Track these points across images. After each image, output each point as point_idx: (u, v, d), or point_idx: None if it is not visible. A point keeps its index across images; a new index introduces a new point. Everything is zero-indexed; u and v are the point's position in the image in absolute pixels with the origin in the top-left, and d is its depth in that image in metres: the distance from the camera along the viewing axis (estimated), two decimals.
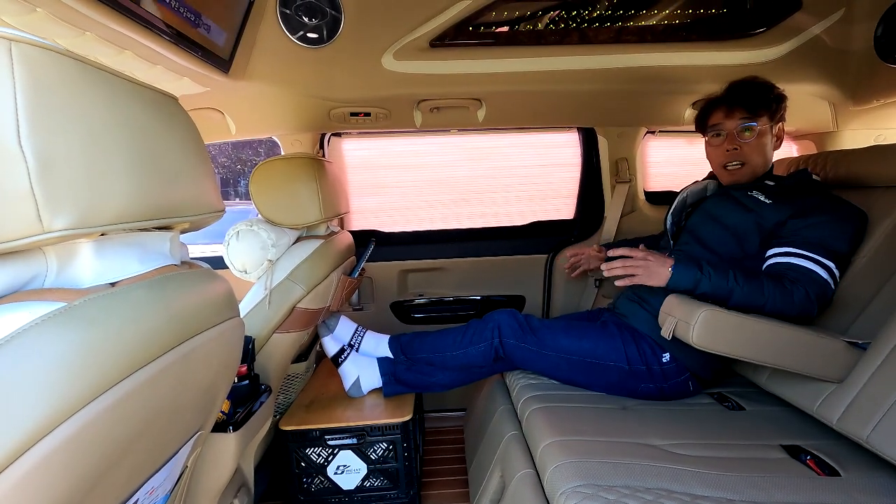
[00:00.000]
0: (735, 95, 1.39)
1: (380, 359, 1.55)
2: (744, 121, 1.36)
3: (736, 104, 1.38)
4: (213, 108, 1.62)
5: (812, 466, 0.99)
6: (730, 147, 1.40)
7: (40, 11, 0.79)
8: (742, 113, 1.37)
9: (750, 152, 1.38)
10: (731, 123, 1.39)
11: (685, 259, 1.22)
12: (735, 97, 1.39)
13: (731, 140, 1.40)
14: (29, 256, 0.48)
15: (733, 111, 1.38)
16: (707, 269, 1.19)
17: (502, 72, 1.53)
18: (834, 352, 1.05)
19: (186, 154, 0.61)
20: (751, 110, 1.36)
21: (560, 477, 0.97)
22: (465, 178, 2.15)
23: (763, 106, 1.35)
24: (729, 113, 1.39)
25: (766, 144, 1.38)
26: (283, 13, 1.33)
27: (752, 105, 1.35)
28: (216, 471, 0.98)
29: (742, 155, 1.39)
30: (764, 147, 1.38)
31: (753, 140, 1.37)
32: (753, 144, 1.37)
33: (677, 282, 1.20)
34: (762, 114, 1.35)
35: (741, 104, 1.37)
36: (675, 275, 1.20)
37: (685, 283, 1.19)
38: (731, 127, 1.39)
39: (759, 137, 1.37)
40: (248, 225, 1.30)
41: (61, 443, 0.41)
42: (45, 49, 0.42)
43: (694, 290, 1.19)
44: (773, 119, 1.36)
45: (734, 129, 1.38)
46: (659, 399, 1.35)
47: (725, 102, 1.40)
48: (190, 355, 0.59)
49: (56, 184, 0.41)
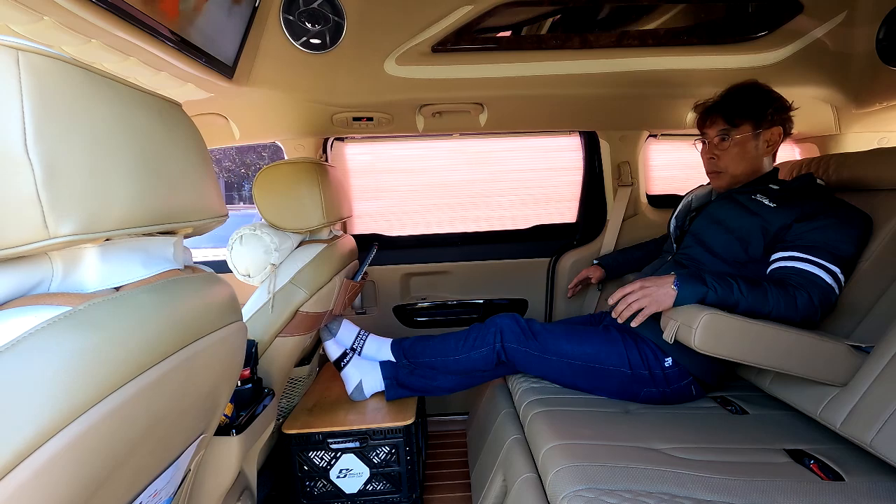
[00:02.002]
0: (717, 104, 1.40)
1: (382, 362, 1.55)
2: (722, 131, 1.38)
3: (715, 113, 1.39)
4: (218, 113, 1.63)
5: (815, 471, 0.99)
6: (708, 155, 1.43)
7: (47, 20, 0.80)
8: (720, 123, 1.38)
9: (728, 161, 1.39)
10: (711, 132, 1.41)
11: (686, 275, 1.20)
12: (716, 106, 1.40)
13: (711, 148, 1.42)
14: (35, 261, 0.49)
15: (713, 120, 1.40)
16: (711, 283, 1.16)
17: (504, 76, 1.53)
18: (837, 355, 1.05)
19: (190, 160, 0.61)
20: (728, 119, 1.36)
21: (562, 481, 0.97)
22: (468, 182, 2.15)
23: (743, 114, 1.35)
24: (709, 121, 1.41)
25: (747, 153, 1.37)
26: (287, 19, 1.34)
27: (730, 114, 1.36)
28: (219, 474, 0.98)
29: (719, 164, 1.40)
30: (745, 155, 1.37)
31: (731, 149, 1.38)
32: (731, 153, 1.38)
33: (684, 299, 1.18)
34: (741, 122, 1.35)
35: (720, 113, 1.38)
36: (680, 293, 1.18)
37: (692, 299, 1.17)
38: (711, 135, 1.41)
39: (738, 146, 1.37)
40: (251, 229, 1.31)
41: (66, 445, 0.42)
42: (51, 58, 0.43)
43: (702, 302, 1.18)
44: (759, 126, 1.35)
45: (713, 137, 1.40)
46: (661, 403, 1.35)
47: (707, 110, 1.42)
48: (193, 359, 0.60)
49: (62, 190, 0.42)
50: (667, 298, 1.18)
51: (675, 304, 1.18)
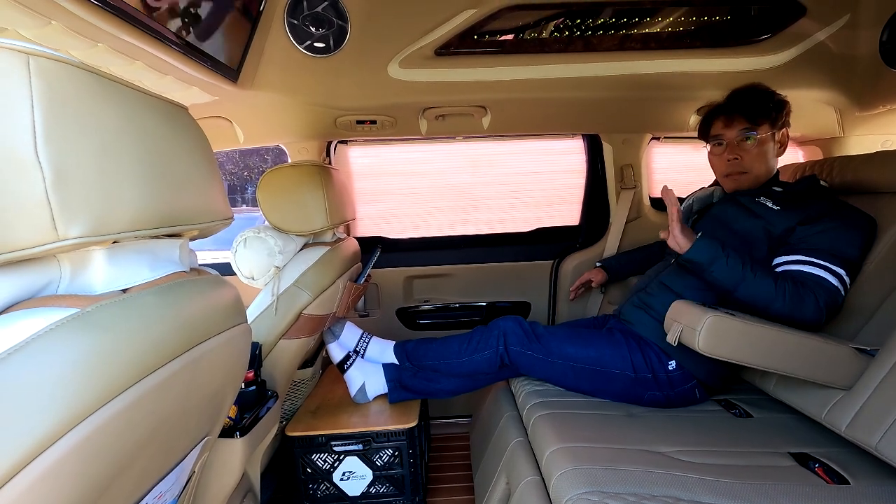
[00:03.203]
0: (735, 104, 1.39)
1: (385, 365, 1.55)
2: (744, 130, 1.37)
3: (736, 113, 1.38)
4: (222, 116, 1.64)
5: (820, 474, 0.98)
6: (731, 157, 1.40)
7: (55, 24, 0.81)
8: (742, 122, 1.37)
9: (751, 161, 1.38)
10: (731, 133, 1.39)
11: (710, 237, 1.24)
12: (735, 106, 1.39)
13: (731, 149, 1.40)
14: (43, 263, 0.49)
15: (733, 120, 1.38)
16: (728, 251, 1.20)
17: (507, 79, 1.54)
18: (842, 358, 1.05)
19: (196, 163, 0.62)
20: (751, 119, 1.35)
21: (566, 484, 0.96)
22: (471, 185, 2.16)
23: (763, 114, 1.35)
24: (729, 122, 1.39)
25: (767, 152, 1.38)
26: (291, 23, 1.35)
27: (751, 114, 1.35)
28: (223, 476, 0.99)
29: (743, 164, 1.39)
30: (765, 155, 1.38)
31: (754, 149, 1.37)
32: (755, 153, 1.37)
33: (698, 250, 1.21)
34: (762, 122, 1.35)
35: (741, 113, 1.37)
36: (697, 242, 1.22)
37: (703, 255, 1.21)
38: (732, 136, 1.39)
39: (760, 145, 1.37)
40: (255, 232, 1.31)
41: (73, 447, 0.42)
42: (60, 62, 0.43)
43: (709, 265, 1.20)
44: (774, 126, 1.36)
45: (734, 138, 1.39)
46: (665, 407, 1.34)
47: (725, 112, 1.41)
48: (198, 361, 0.60)
49: (71, 193, 0.42)
50: (686, 239, 1.24)
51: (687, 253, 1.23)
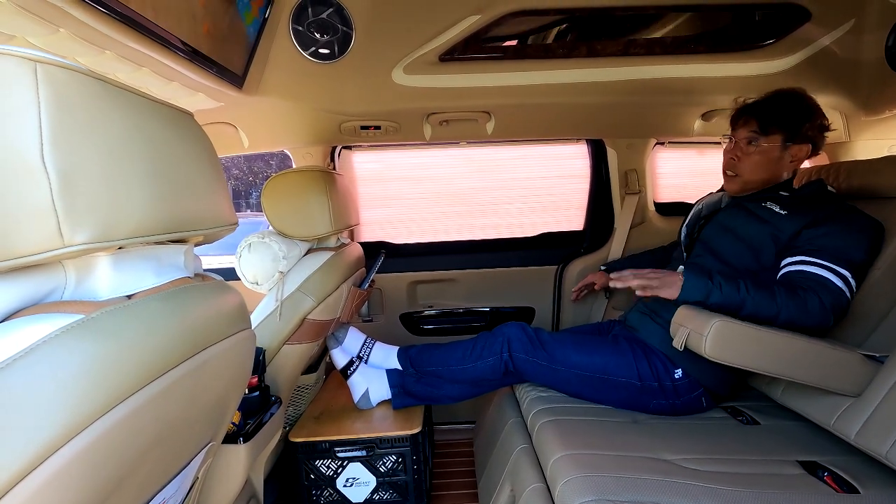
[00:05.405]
0: (758, 105, 1.37)
1: (389, 371, 1.55)
2: (750, 134, 1.35)
3: (752, 115, 1.36)
4: (227, 122, 1.65)
5: (830, 483, 0.97)
6: (731, 155, 1.40)
7: (63, 32, 0.82)
8: (753, 125, 1.35)
9: (746, 165, 1.37)
10: (740, 132, 1.38)
11: (696, 270, 1.21)
12: (756, 107, 1.36)
13: (734, 148, 1.39)
14: (49, 269, 0.49)
15: (748, 120, 1.37)
16: (717, 280, 1.17)
17: (511, 85, 1.54)
18: (850, 364, 1.03)
19: (201, 169, 0.62)
20: (762, 125, 1.33)
21: (571, 491, 0.96)
22: (475, 190, 2.16)
23: (777, 123, 1.31)
24: (742, 121, 1.38)
25: (769, 162, 1.35)
26: (296, 30, 1.35)
27: (765, 120, 1.33)
28: (226, 482, 0.98)
29: (738, 166, 1.38)
30: (767, 164, 1.35)
31: (755, 155, 1.35)
32: (754, 159, 1.35)
33: (689, 291, 1.18)
34: (774, 131, 1.32)
35: (756, 117, 1.35)
36: (686, 283, 1.18)
37: (696, 294, 1.18)
38: (739, 136, 1.38)
39: (763, 154, 1.34)
40: (259, 237, 1.32)
41: (78, 453, 0.42)
42: (67, 69, 0.44)
43: (705, 300, 1.18)
44: (790, 139, 1.32)
45: (741, 138, 1.38)
46: (671, 415, 1.33)
47: (748, 110, 1.38)
48: (203, 367, 0.60)
49: (77, 199, 0.42)
50: (674, 287, 1.19)
51: (680, 296, 1.18)
